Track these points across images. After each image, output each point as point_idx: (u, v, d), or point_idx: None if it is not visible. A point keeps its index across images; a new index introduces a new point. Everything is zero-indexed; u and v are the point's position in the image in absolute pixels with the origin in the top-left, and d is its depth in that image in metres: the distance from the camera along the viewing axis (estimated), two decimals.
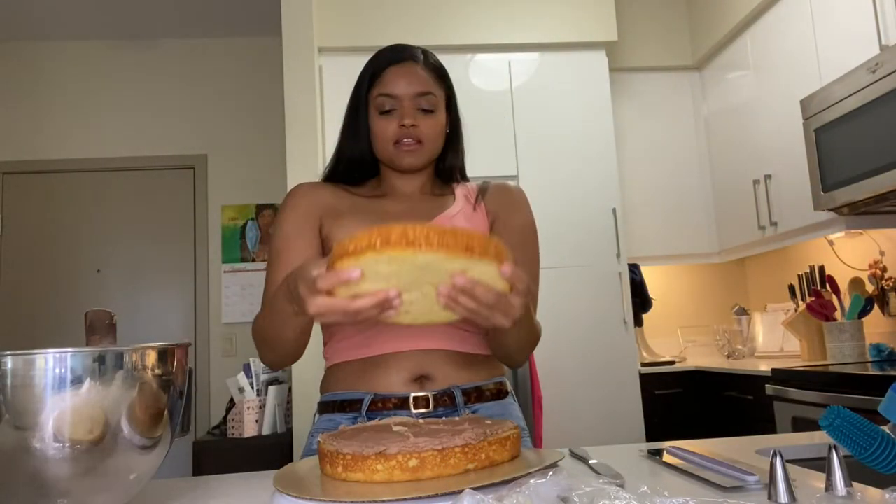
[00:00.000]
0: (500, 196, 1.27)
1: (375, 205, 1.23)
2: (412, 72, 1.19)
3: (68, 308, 3.93)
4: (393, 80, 1.18)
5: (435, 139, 1.20)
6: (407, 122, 1.16)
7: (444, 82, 1.24)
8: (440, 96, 1.22)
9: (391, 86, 1.18)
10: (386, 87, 1.18)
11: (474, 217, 1.23)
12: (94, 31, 4.10)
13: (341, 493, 0.64)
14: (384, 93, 1.18)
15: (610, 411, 3.15)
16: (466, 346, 1.15)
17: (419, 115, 1.18)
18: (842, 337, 2.76)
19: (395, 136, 1.17)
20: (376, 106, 1.19)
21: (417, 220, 1.17)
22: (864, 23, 2.46)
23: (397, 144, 1.17)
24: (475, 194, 1.27)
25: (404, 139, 1.17)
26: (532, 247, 1.27)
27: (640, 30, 3.74)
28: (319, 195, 1.22)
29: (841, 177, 2.46)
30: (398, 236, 0.68)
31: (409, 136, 1.17)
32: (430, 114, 1.19)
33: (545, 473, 0.63)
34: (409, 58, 1.21)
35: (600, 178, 3.33)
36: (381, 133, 1.18)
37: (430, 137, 1.19)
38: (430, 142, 1.19)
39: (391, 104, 1.18)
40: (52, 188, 4.08)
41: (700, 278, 3.90)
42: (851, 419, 0.66)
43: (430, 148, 1.20)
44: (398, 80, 1.18)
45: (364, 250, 0.69)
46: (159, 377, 0.72)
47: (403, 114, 1.17)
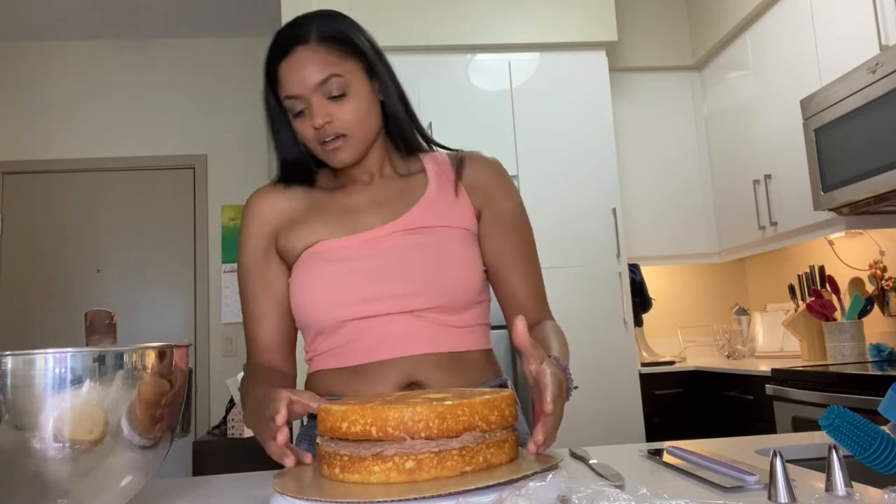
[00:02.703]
0: (482, 176, 1.14)
1: (334, 200, 1.12)
2: (304, 61, 1.02)
3: (68, 308, 3.93)
4: (286, 78, 1.03)
5: (359, 124, 1.04)
6: (317, 122, 1.02)
7: (352, 48, 1.05)
8: (351, 69, 1.04)
9: (288, 86, 1.03)
10: (284, 88, 1.04)
11: (457, 207, 1.11)
12: (93, 31, 4.10)
13: (338, 494, 0.64)
14: (286, 95, 1.04)
15: (610, 411, 3.15)
16: (458, 343, 1.05)
17: (331, 105, 1.02)
18: (842, 337, 2.76)
19: (314, 138, 1.04)
20: (287, 109, 1.06)
21: (383, 214, 1.08)
22: (864, 23, 2.45)
23: (323, 145, 1.04)
24: (451, 172, 1.13)
25: (325, 139, 1.03)
26: (526, 231, 1.17)
27: (640, 30, 3.74)
28: (272, 205, 1.13)
29: (841, 177, 2.46)
30: (395, 424, 0.67)
31: (326, 134, 1.03)
32: (343, 98, 1.02)
33: (544, 475, 0.63)
34: (296, 42, 1.03)
35: (600, 178, 3.33)
36: (303, 136, 1.06)
37: (352, 125, 1.03)
38: (355, 129, 1.04)
39: (300, 104, 1.03)
40: (52, 188, 4.08)
41: (700, 278, 3.90)
42: (851, 419, 0.66)
43: (357, 136, 1.05)
44: (291, 77, 1.02)
45: (357, 435, 0.69)
46: (159, 377, 0.72)
47: (311, 115, 1.02)
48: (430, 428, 0.67)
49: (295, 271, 1.08)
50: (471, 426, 0.69)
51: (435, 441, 0.67)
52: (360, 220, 1.08)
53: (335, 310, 1.03)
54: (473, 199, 1.12)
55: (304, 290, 1.05)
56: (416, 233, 1.06)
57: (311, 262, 1.06)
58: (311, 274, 1.05)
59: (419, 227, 1.07)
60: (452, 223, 1.09)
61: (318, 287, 1.04)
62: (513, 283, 1.12)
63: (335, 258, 1.05)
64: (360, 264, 1.04)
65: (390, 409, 0.68)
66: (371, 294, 1.02)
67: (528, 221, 1.18)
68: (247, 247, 1.13)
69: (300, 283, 1.06)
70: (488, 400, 0.71)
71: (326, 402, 0.77)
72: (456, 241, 1.07)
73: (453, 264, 1.05)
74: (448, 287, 1.03)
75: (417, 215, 1.08)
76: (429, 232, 1.06)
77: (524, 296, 1.13)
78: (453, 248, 1.06)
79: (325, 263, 1.05)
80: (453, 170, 1.14)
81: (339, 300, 1.03)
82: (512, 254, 1.13)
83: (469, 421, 0.69)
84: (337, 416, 0.70)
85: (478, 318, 1.09)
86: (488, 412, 0.70)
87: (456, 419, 0.68)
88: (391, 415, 0.67)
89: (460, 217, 1.10)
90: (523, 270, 1.13)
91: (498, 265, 1.12)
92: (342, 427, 0.69)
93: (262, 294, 1.11)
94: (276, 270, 1.11)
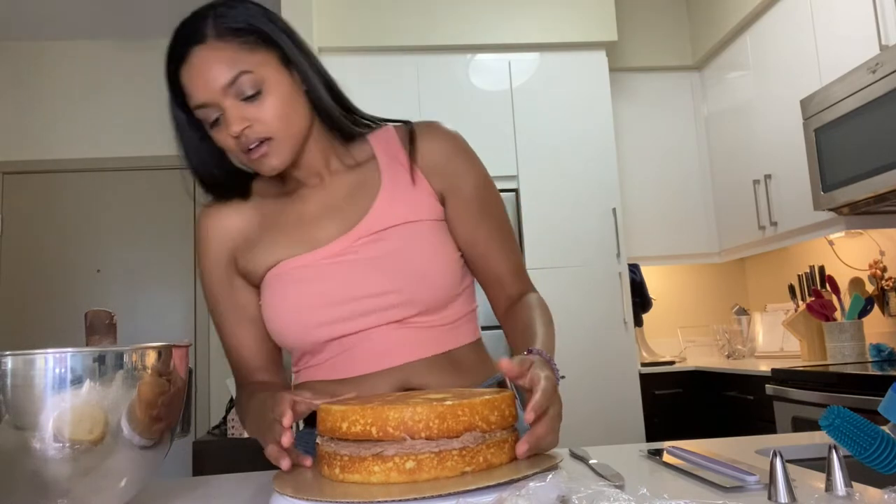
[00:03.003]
0: (437, 155, 1.03)
1: (286, 210, 1.02)
2: (204, 62, 0.90)
3: (68, 308, 3.93)
4: (190, 86, 0.91)
5: (283, 123, 0.92)
6: (234, 130, 0.90)
7: (259, 37, 0.92)
8: (262, 62, 0.91)
9: (194, 94, 0.91)
10: (191, 97, 0.92)
11: (416, 197, 1.01)
12: (94, 31, 4.10)
13: (338, 494, 0.64)
14: (195, 105, 0.92)
15: (610, 411, 3.15)
16: (447, 342, 1.00)
17: (246, 107, 0.90)
18: (842, 337, 2.76)
19: (236, 147, 0.93)
20: (202, 120, 0.94)
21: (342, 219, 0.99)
22: (864, 23, 2.45)
23: (247, 153, 0.93)
24: (402, 154, 1.02)
25: (247, 146, 0.92)
26: (495, 205, 1.07)
27: (640, 30, 3.74)
28: (224, 225, 1.04)
29: (841, 177, 2.46)
30: (395, 424, 0.67)
31: (248, 141, 0.91)
32: (259, 97, 0.91)
33: (544, 475, 0.63)
34: (193, 43, 0.90)
35: (600, 178, 3.33)
36: (224, 147, 0.95)
37: (275, 126, 0.91)
38: (280, 130, 0.92)
39: (213, 112, 0.91)
40: (52, 188, 4.08)
41: (700, 278, 3.90)
42: (851, 419, 0.66)
43: (283, 137, 0.93)
44: (194, 83, 0.90)
45: (357, 435, 0.69)
46: (159, 377, 0.72)
47: (226, 122, 0.90)
48: (431, 428, 0.67)
49: (262, 295, 1.01)
50: (471, 426, 0.69)
51: (435, 441, 0.67)
52: (318, 233, 1.00)
53: (311, 333, 0.97)
54: (433, 183, 1.02)
55: (275, 316, 0.99)
56: (380, 237, 0.98)
57: (276, 285, 0.99)
58: (278, 299, 0.98)
59: (382, 229, 0.98)
60: (416, 217, 1.00)
61: (287, 313, 0.97)
62: (490, 262, 1.06)
63: (300, 279, 0.98)
64: (329, 283, 0.97)
65: (390, 409, 0.68)
66: (346, 313, 0.96)
67: (495, 193, 1.08)
68: (208, 275, 1.05)
69: (269, 308, 0.99)
70: (488, 400, 0.71)
71: (327, 400, 0.77)
72: (424, 236, 0.99)
73: (427, 264, 0.98)
74: (426, 289, 0.97)
75: (377, 217, 0.99)
76: (393, 233, 0.98)
77: (504, 272, 1.07)
78: (423, 246, 0.98)
79: (290, 285, 0.98)
80: (405, 151, 1.02)
81: (313, 323, 0.96)
82: (485, 233, 1.05)
83: (469, 421, 0.69)
84: (337, 416, 0.70)
85: (463, 309, 1.03)
86: (488, 412, 0.70)
87: (456, 419, 0.68)
88: (391, 415, 0.67)
89: (423, 208, 1.01)
90: (499, 247, 1.06)
91: (472, 248, 1.05)
92: (342, 427, 0.69)
93: (237, 320, 1.05)
94: (243, 292, 1.04)
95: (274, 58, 0.93)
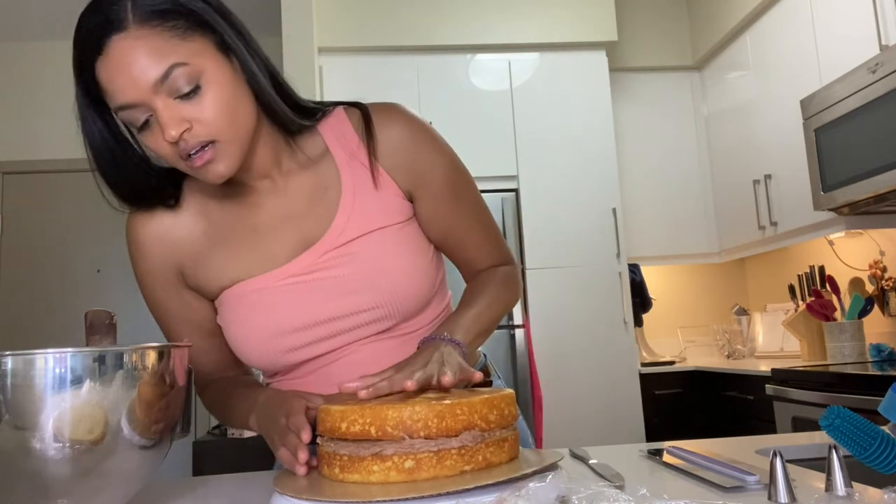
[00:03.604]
0: (398, 147, 0.91)
1: (236, 220, 0.91)
2: (127, 55, 0.74)
3: (68, 308, 3.93)
4: (110, 84, 0.76)
5: (228, 121, 0.78)
6: (170, 135, 0.75)
7: (190, 20, 0.77)
8: (197, 51, 0.77)
9: (115, 94, 0.76)
10: (111, 98, 0.77)
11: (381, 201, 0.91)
12: None
13: (338, 494, 0.64)
14: (117, 106, 0.77)
15: (610, 411, 3.15)
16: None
17: (183, 106, 0.76)
18: (842, 337, 2.76)
19: (174, 154, 0.79)
20: (125, 123, 0.80)
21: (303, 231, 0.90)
22: (864, 23, 2.45)
23: (188, 160, 0.79)
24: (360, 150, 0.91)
25: (188, 152, 0.78)
26: (468, 190, 0.97)
27: (640, 30, 3.74)
28: (162, 237, 0.91)
29: (841, 177, 2.46)
30: (394, 424, 0.67)
31: (189, 147, 0.77)
32: (197, 93, 0.76)
33: (544, 475, 0.63)
34: (110, 31, 0.75)
35: (600, 178, 3.33)
36: (158, 154, 0.80)
37: (218, 126, 0.78)
38: (225, 130, 0.78)
39: (141, 114, 0.77)
40: (52, 188, 4.08)
41: (700, 278, 3.89)
42: (851, 419, 0.66)
43: (231, 137, 0.79)
44: (116, 81, 0.75)
45: (356, 435, 0.69)
46: (159, 377, 0.72)
47: (161, 125, 0.76)
48: (429, 427, 0.67)
49: (221, 315, 0.93)
50: (470, 425, 0.69)
51: (434, 440, 0.67)
52: (277, 248, 0.90)
53: (282, 357, 0.90)
54: (399, 180, 0.92)
55: (238, 342, 0.91)
56: (347, 251, 0.89)
57: (235, 307, 0.90)
58: (239, 326, 0.90)
59: (348, 241, 0.89)
60: (383, 223, 0.91)
61: (253, 338, 0.90)
62: (468, 246, 0.99)
63: (261, 303, 0.89)
64: (296, 307, 0.88)
65: (389, 408, 0.68)
66: (319, 334, 0.89)
67: (466, 174, 0.97)
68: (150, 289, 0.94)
69: (231, 332, 0.91)
70: (487, 399, 0.71)
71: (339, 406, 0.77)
72: (394, 243, 0.91)
73: (401, 274, 0.90)
74: (403, 300, 0.90)
75: (341, 228, 0.89)
76: (361, 244, 0.89)
77: (481, 254, 1.01)
78: (395, 255, 0.90)
79: (252, 311, 0.89)
80: (363, 147, 0.91)
81: (283, 349, 0.89)
82: (461, 220, 0.97)
83: (468, 420, 0.69)
84: (336, 415, 0.70)
85: (439, 306, 0.98)
86: (487, 411, 0.70)
87: (455, 418, 0.68)
88: (390, 414, 0.67)
89: (389, 212, 0.91)
90: (478, 230, 1.00)
91: (449, 237, 0.97)
92: (341, 427, 0.69)
93: (191, 331, 0.94)
94: (196, 304, 0.94)
95: (210, 44, 0.78)
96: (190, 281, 0.93)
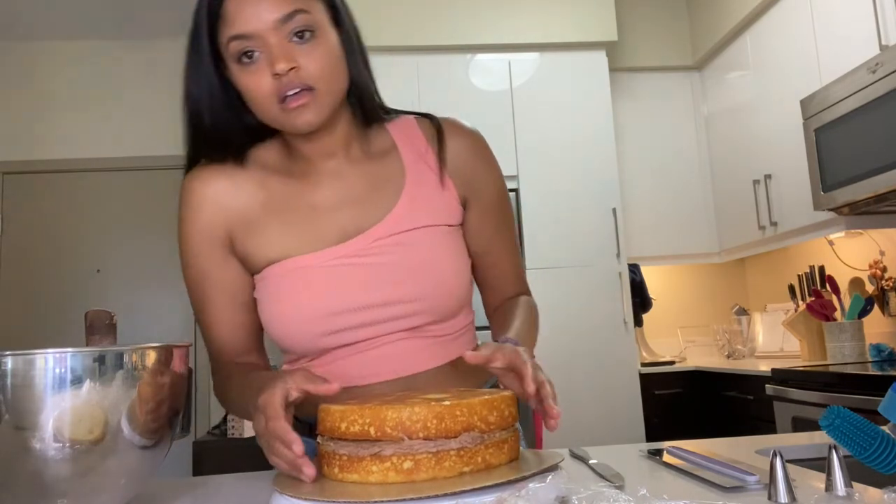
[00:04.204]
0: (464, 156, 0.98)
1: (296, 195, 0.93)
2: None
3: (68, 308, 3.93)
4: (239, 12, 0.82)
5: (331, 74, 0.85)
6: (280, 67, 0.81)
7: None
8: (317, 9, 0.85)
9: (240, 22, 0.82)
10: (233, 26, 0.82)
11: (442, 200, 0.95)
12: (93, 31, 4.10)
13: (337, 494, 0.64)
14: (234, 34, 0.82)
15: (610, 411, 3.15)
16: (453, 352, 0.96)
17: (295, 48, 0.83)
18: (842, 337, 2.76)
19: (273, 91, 0.83)
20: (232, 56, 0.84)
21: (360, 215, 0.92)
22: (864, 23, 2.45)
23: (282, 102, 0.83)
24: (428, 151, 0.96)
25: (287, 92, 0.83)
26: (510, 211, 1.05)
27: (640, 30, 3.74)
28: (221, 195, 0.92)
29: (841, 177, 2.46)
30: (393, 424, 0.67)
31: (291, 85, 0.82)
32: (311, 39, 0.83)
33: (544, 476, 0.63)
34: None
35: (600, 178, 3.33)
36: (252, 93, 0.84)
37: (322, 75, 0.84)
38: (326, 80, 0.84)
39: (251, 46, 0.82)
40: (52, 188, 4.08)
41: (700, 278, 3.90)
42: (851, 419, 0.66)
43: (328, 90, 0.85)
44: (243, 11, 0.81)
45: (356, 435, 0.68)
46: (159, 377, 0.72)
47: (273, 57, 0.81)
48: (428, 428, 0.67)
49: (261, 291, 0.93)
50: (469, 426, 0.68)
51: (433, 441, 0.67)
52: (333, 228, 0.92)
53: (317, 341, 0.90)
54: (458, 186, 0.97)
55: (277, 322, 0.91)
56: (400, 241, 0.92)
57: (279, 283, 0.91)
58: (283, 304, 0.90)
59: (403, 231, 0.92)
60: (438, 221, 0.95)
61: (293, 322, 0.90)
62: (498, 268, 1.04)
63: (309, 280, 0.89)
64: (343, 288, 0.89)
65: (388, 409, 0.68)
66: (357, 320, 0.90)
67: (510, 201, 1.06)
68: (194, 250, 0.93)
69: (270, 312, 0.91)
70: (487, 400, 0.71)
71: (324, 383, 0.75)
72: (443, 242, 0.94)
73: (447, 272, 0.93)
74: (445, 298, 0.93)
75: (399, 218, 0.92)
76: (414, 237, 0.92)
77: (508, 278, 1.05)
78: (442, 253, 0.94)
79: (297, 286, 0.90)
80: (432, 150, 0.97)
81: (320, 331, 0.89)
82: (499, 240, 1.03)
83: (467, 421, 0.68)
84: (336, 416, 0.70)
85: (466, 319, 1.00)
86: (487, 412, 0.70)
87: (454, 419, 0.68)
88: (389, 415, 0.67)
89: (446, 212, 0.96)
90: (509, 253, 1.05)
91: (485, 254, 1.02)
92: (341, 427, 0.70)
93: (226, 303, 0.94)
94: (237, 275, 0.94)
95: (325, 11, 0.87)
96: (238, 249, 0.93)
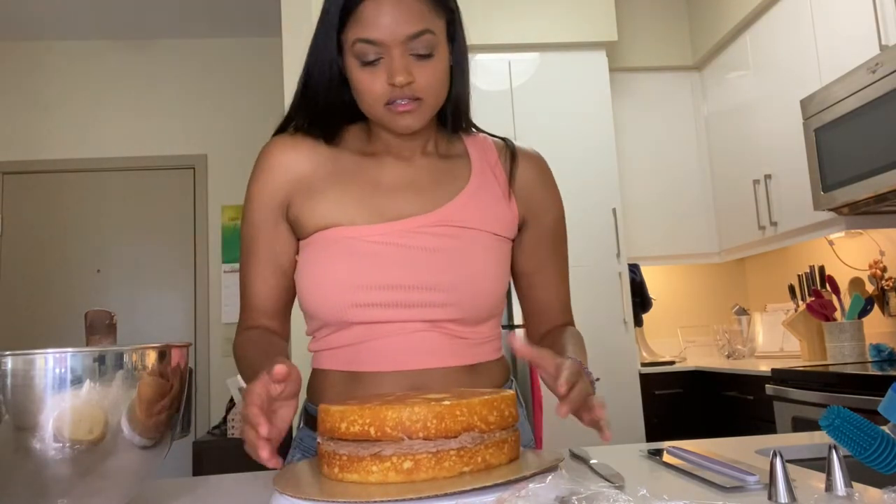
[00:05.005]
0: (530, 180, 1.04)
1: (364, 171, 0.99)
2: (400, 6, 0.88)
3: (68, 308, 3.93)
4: (373, 19, 0.87)
5: (438, 91, 0.93)
6: (399, 80, 0.88)
7: (441, 4, 0.92)
8: (440, 28, 0.91)
9: (372, 29, 0.88)
10: (365, 30, 0.88)
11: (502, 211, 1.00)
12: (94, 31, 4.10)
13: (337, 494, 0.64)
14: (363, 38, 0.88)
15: (610, 411, 3.11)
16: (472, 357, 0.98)
17: (414, 63, 0.89)
18: (842, 337, 2.76)
19: (385, 95, 0.90)
20: (355, 53, 0.90)
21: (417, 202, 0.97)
22: (864, 23, 2.45)
23: (389, 105, 0.91)
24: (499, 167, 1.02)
25: (398, 100, 0.90)
26: (565, 241, 1.10)
27: (640, 30, 3.74)
28: (292, 163, 0.98)
29: (841, 177, 2.46)
30: (393, 424, 0.67)
31: (402, 95, 0.90)
32: (429, 59, 0.90)
33: (544, 476, 0.63)
34: None
35: (600, 178, 3.33)
36: (365, 90, 0.91)
37: (431, 91, 0.91)
38: (433, 95, 0.92)
39: (375, 52, 0.89)
40: (52, 188, 4.08)
41: (700, 278, 3.90)
42: (851, 419, 0.66)
43: (431, 103, 0.93)
44: (380, 20, 0.87)
45: (356, 435, 0.68)
46: (159, 377, 0.72)
47: (393, 69, 0.88)
48: (428, 428, 0.67)
49: (304, 254, 0.98)
50: (469, 426, 0.68)
51: (433, 441, 0.67)
52: (389, 207, 0.96)
53: (346, 312, 0.93)
54: (520, 206, 1.02)
55: (313, 285, 0.95)
56: (448, 232, 0.95)
57: (323, 249, 0.95)
58: (322, 268, 0.94)
59: (454, 224, 0.96)
60: (490, 227, 0.98)
61: (328, 282, 0.93)
62: (546, 294, 1.08)
63: (353, 251, 0.93)
64: (380, 262, 0.93)
65: (388, 409, 0.68)
66: (387, 299, 0.92)
67: (565, 227, 1.10)
68: (257, 208, 1.00)
69: (308, 272, 0.96)
70: (487, 400, 0.71)
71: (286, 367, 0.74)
72: (489, 248, 0.98)
73: (483, 274, 0.96)
74: (475, 297, 0.95)
75: (456, 209, 0.96)
76: (463, 233, 0.96)
77: (555, 307, 1.09)
78: (485, 257, 0.96)
79: (340, 253, 0.94)
80: (504, 168, 1.03)
81: (351, 303, 0.92)
82: (551, 267, 1.07)
83: (468, 421, 0.68)
84: (336, 416, 0.70)
85: (491, 332, 1.02)
86: (487, 412, 0.70)
87: (454, 419, 0.68)
88: (389, 415, 0.67)
89: (501, 223, 1.00)
90: (559, 279, 1.09)
91: (533, 276, 1.06)
92: (341, 427, 0.70)
93: (266, 263, 1.00)
94: (284, 239, 1.00)
95: (444, 27, 0.93)
96: (292, 211, 0.98)
